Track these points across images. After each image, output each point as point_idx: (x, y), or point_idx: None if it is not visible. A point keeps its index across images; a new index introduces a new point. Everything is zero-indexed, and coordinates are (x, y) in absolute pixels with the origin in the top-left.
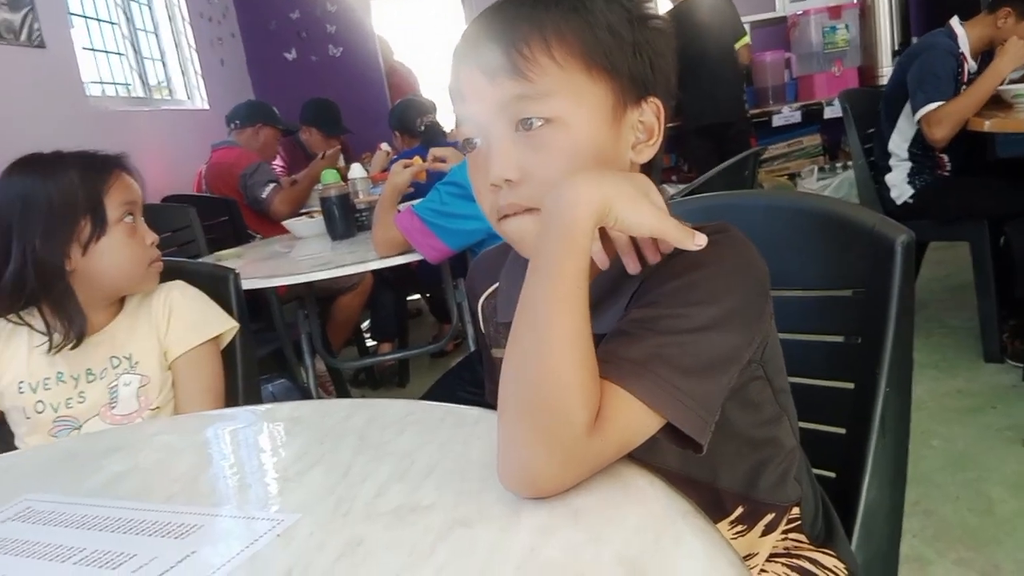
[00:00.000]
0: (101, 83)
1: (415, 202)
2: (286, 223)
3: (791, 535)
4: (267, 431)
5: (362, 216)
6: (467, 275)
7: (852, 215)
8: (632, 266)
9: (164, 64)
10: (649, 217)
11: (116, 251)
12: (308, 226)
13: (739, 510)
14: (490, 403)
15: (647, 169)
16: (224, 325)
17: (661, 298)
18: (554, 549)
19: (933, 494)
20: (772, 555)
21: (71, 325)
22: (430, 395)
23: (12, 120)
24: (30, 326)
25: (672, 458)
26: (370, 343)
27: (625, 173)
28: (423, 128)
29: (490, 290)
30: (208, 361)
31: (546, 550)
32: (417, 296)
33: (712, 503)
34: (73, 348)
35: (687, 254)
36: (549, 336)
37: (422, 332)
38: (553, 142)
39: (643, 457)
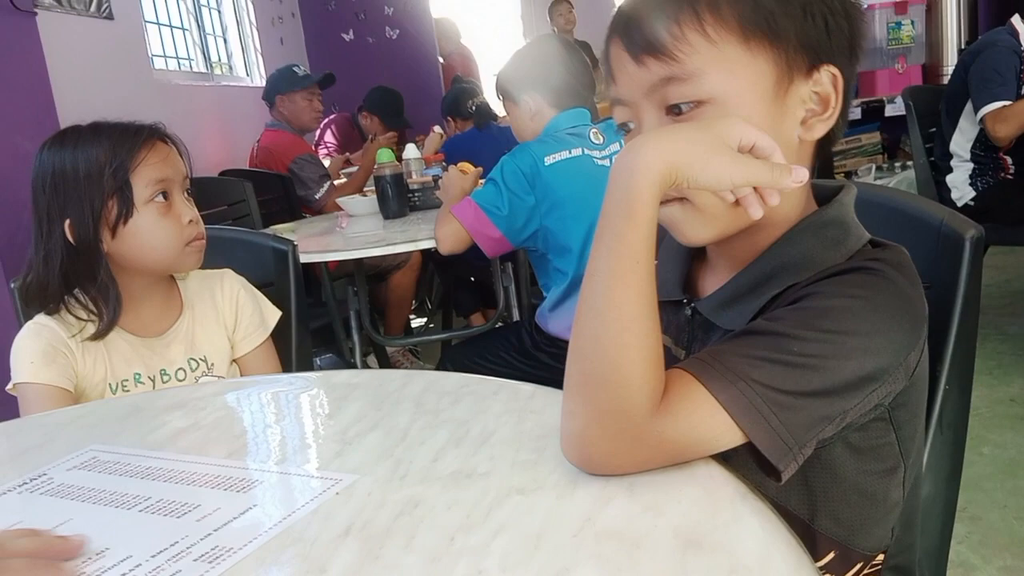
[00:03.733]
0: (165, 57)
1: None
2: (340, 200)
3: None
4: (325, 396)
5: (415, 196)
6: None
7: (921, 208)
8: (755, 211)
9: (225, 41)
10: (727, 170)
11: (147, 233)
12: (361, 204)
13: (831, 555)
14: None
15: (824, 144)
16: (275, 316)
17: (788, 315)
18: (610, 519)
19: (981, 500)
20: None
21: (109, 312)
22: (462, 355)
23: (80, 90)
24: (74, 315)
25: (770, 484)
26: (416, 322)
27: (702, 122)
28: (473, 109)
29: None
30: (271, 355)
31: (602, 519)
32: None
33: (804, 542)
34: (97, 339)
35: (842, 277)
36: (607, 311)
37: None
38: None
39: (738, 473)
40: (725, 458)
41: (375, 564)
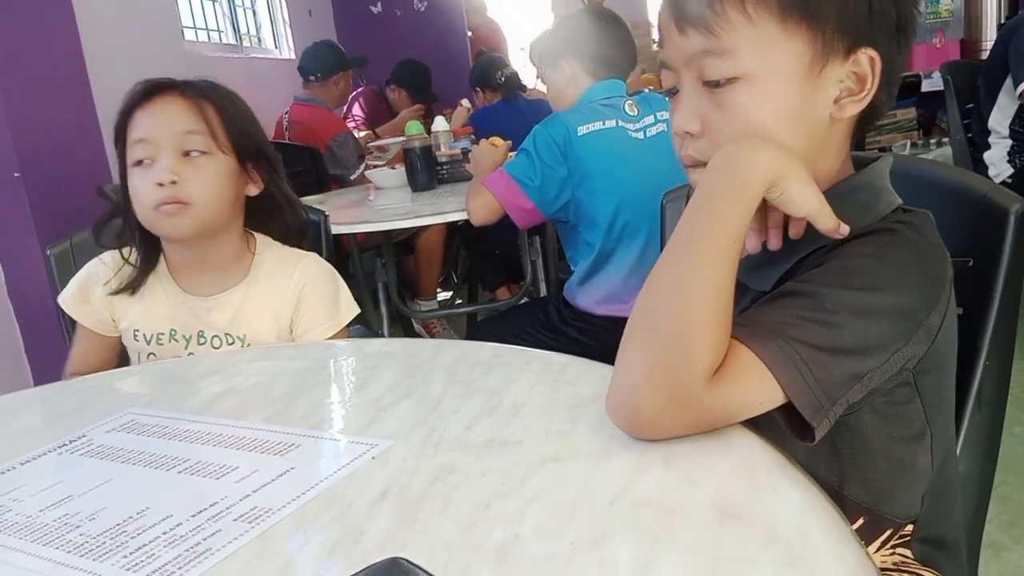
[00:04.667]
0: (195, 28)
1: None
2: (369, 173)
3: (898, 550)
4: (358, 363)
5: (443, 169)
6: None
7: (963, 181)
8: (775, 242)
9: (254, 13)
10: (813, 200)
11: (134, 192)
12: (390, 177)
13: (860, 521)
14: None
15: (865, 120)
16: (351, 312)
17: (818, 275)
18: (646, 488)
19: (1012, 481)
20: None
21: (135, 267)
22: (488, 330)
23: (113, 62)
24: (126, 260)
25: (799, 451)
26: (442, 295)
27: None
28: (502, 80)
29: None
30: None
31: (638, 488)
32: None
33: None
34: (131, 291)
35: (863, 238)
36: (694, 278)
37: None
38: (737, 101)
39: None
40: (754, 424)
41: (411, 528)
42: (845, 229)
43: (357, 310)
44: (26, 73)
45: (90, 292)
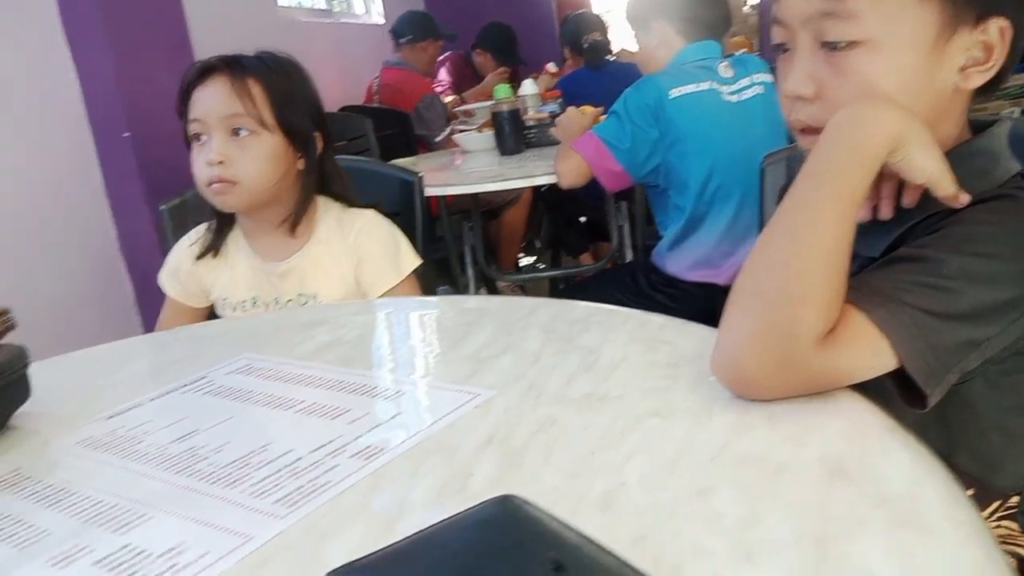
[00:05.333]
0: None
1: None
2: (456, 137)
3: (1003, 522)
4: (457, 318)
5: (531, 133)
6: None
7: None
8: (887, 211)
9: None
10: (935, 166)
11: (192, 166)
12: (477, 140)
13: (969, 492)
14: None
15: (978, 90)
16: (413, 263)
17: (934, 241)
18: (749, 445)
19: None
20: None
21: (207, 237)
22: (572, 297)
23: (212, 27)
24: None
25: (906, 419)
26: (523, 261)
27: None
28: (587, 46)
29: None
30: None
31: (741, 445)
32: None
33: None
34: (213, 254)
35: (984, 204)
36: (809, 239)
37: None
38: (856, 66)
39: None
40: (861, 389)
41: (517, 474)
42: (965, 198)
43: (418, 261)
44: (134, 39)
45: (179, 268)
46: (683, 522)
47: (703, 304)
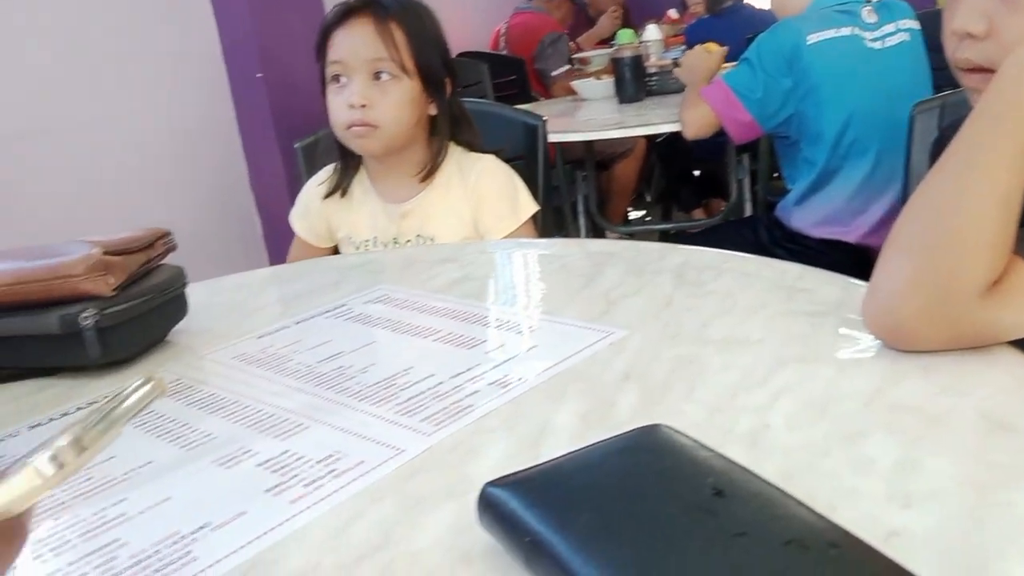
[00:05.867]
0: None
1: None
2: (574, 83)
3: None
4: (585, 260)
5: (652, 80)
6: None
7: None
8: None
9: None
10: None
11: (329, 108)
12: (596, 88)
13: None
14: None
15: None
16: (531, 208)
17: None
18: (903, 394)
19: None
20: None
21: (335, 176)
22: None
23: None
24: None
25: None
26: (633, 215)
27: None
28: None
29: None
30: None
31: (895, 393)
32: None
33: None
34: (340, 194)
35: None
36: (979, 184)
37: None
38: None
39: None
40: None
41: (658, 408)
42: None
43: (536, 207)
44: None
45: (309, 208)
46: (835, 464)
47: (829, 261)
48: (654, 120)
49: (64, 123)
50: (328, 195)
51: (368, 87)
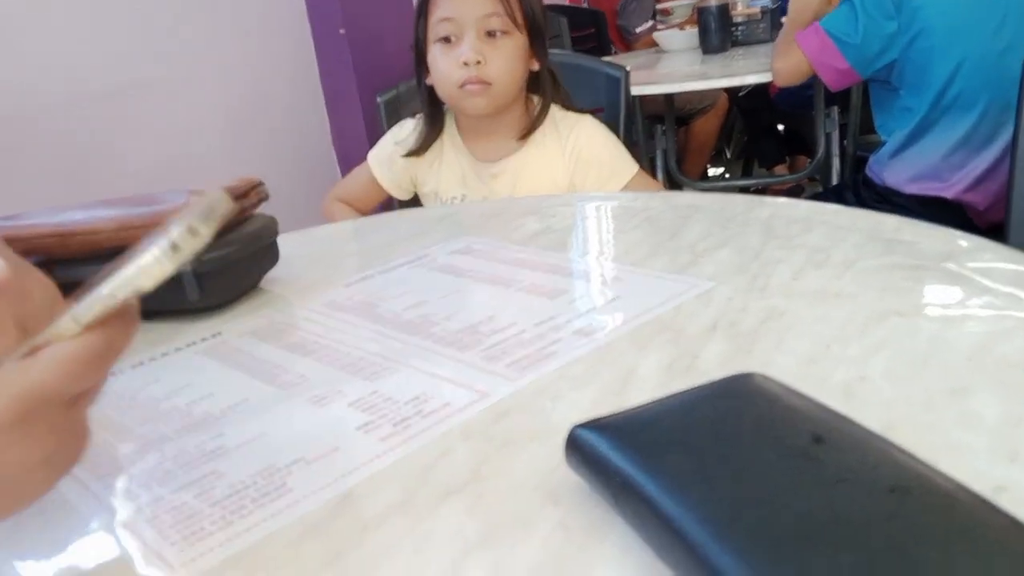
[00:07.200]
0: None
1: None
2: (656, 35)
3: None
4: (669, 212)
5: (738, 30)
6: None
7: None
8: None
9: None
10: None
11: (434, 69)
12: (679, 39)
13: None
14: None
15: None
16: (630, 171)
17: None
18: (1011, 349)
19: None
20: None
21: (419, 136)
22: None
23: None
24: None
25: None
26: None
27: None
28: None
29: None
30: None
31: (1002, 348)
32: None
33: None
34: (418, 154)
35: None
36: None
37: None
38: None
39: None
40: None
41: (747, 357)
42: None
43: (636, 167)
44: None
45: (394, 158)
46: (937, 417)
47: (924, 220)
48: (739, 71)
49: (152, 80)
50: (411, 154)
51: (482, 43)
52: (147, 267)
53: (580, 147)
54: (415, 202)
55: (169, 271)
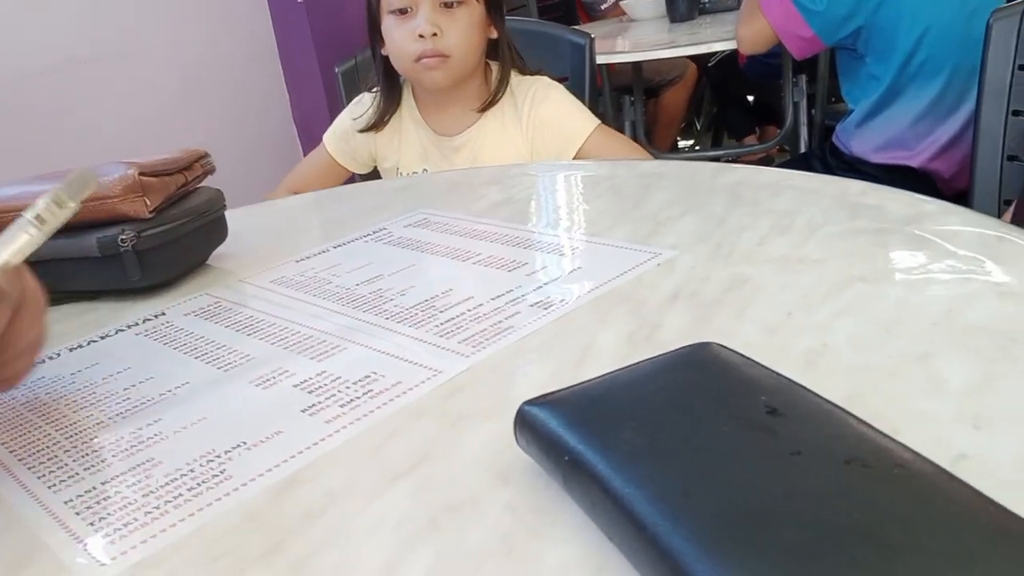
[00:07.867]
0: None
1: None
2: (623, 3)
3: None
4: (633, 181)
5: None
6: None
7: None
8: None
9: None
10: None
11: (388, 41)
12: (646, 6)
13: None
14: None
15: None
16: (590, 125)
17: None
18: (977, 315)
19: None
20: None
21: (377, 109)
22: None
23: None
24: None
25: None
26: (682, 143)
27: None
28: None
29: None
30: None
31: (967, 315)
32: None
33: None
34: (375, 130)
35: None
36: None
37: None
38: None
39: None
40: None
41: (709, 327)
42: None
43: (596, 122)
44: None
45: (351, 133)
46: (901, 384)
47: None
48: (707, 39)
49: (104, 51)
50: (366, 129)
51: (437, 14)
52: (10, 238)
53: (536, 108)
54: (375, 175)
55: (37, 242)
